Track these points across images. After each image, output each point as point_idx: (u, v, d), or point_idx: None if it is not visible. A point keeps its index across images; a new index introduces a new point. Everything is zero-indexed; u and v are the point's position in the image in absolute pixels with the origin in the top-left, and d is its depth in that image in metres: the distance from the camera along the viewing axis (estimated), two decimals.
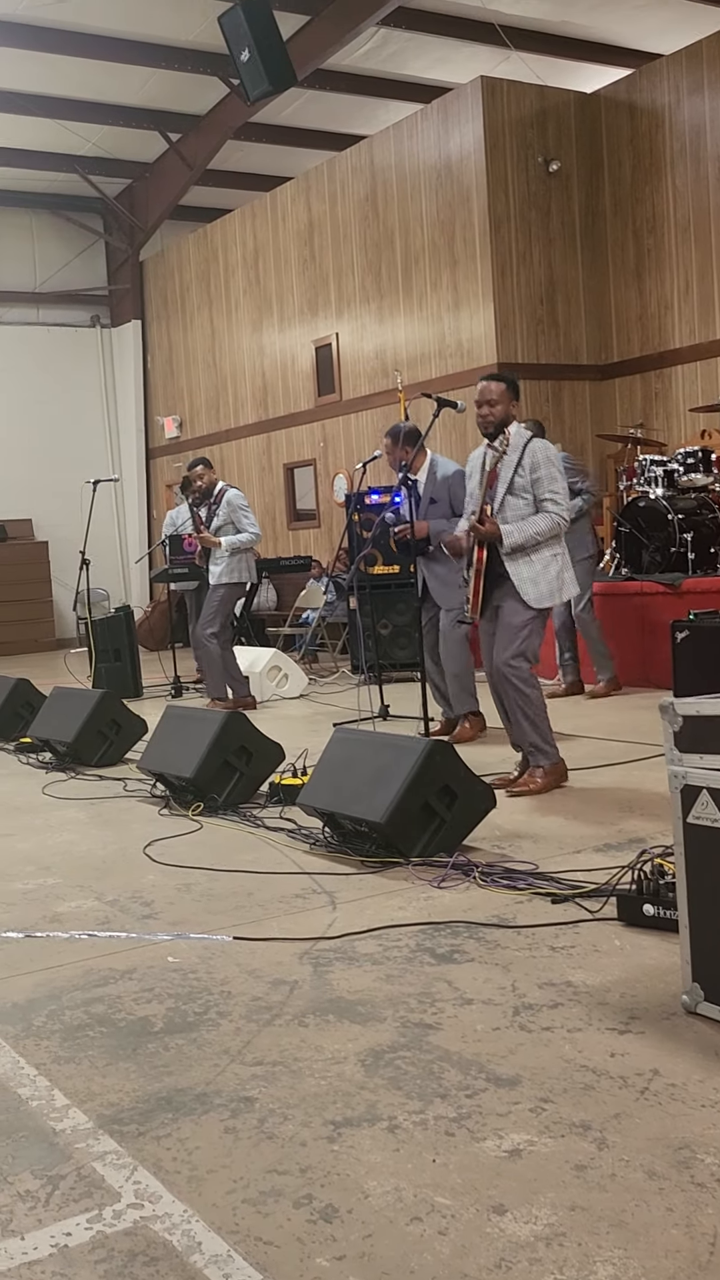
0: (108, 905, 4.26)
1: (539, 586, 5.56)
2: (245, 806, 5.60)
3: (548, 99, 11.92)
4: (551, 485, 5.53)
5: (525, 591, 5.54)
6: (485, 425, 5.67)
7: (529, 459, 5.56)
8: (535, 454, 5.57)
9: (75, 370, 17.77)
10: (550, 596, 5.59)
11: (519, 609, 5.55)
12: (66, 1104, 2.70)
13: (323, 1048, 2.91)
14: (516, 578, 5.54)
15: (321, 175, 13.79)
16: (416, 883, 4.22)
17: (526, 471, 5.55)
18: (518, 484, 5.55)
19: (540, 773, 5.65)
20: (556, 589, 5.61)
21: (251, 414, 15.36)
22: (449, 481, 7.04)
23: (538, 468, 5.54)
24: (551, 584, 5.58)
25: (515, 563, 5.55)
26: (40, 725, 7.43)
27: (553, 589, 5.59)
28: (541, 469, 5.54)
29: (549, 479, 5.54)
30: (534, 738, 5.64)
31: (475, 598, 5.62)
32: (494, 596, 5.64)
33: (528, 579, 5.54)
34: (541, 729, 5.65)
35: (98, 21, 12.41)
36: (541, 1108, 2.53)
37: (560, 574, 5.62)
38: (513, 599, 5.57)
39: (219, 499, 9.05)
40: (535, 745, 5.65)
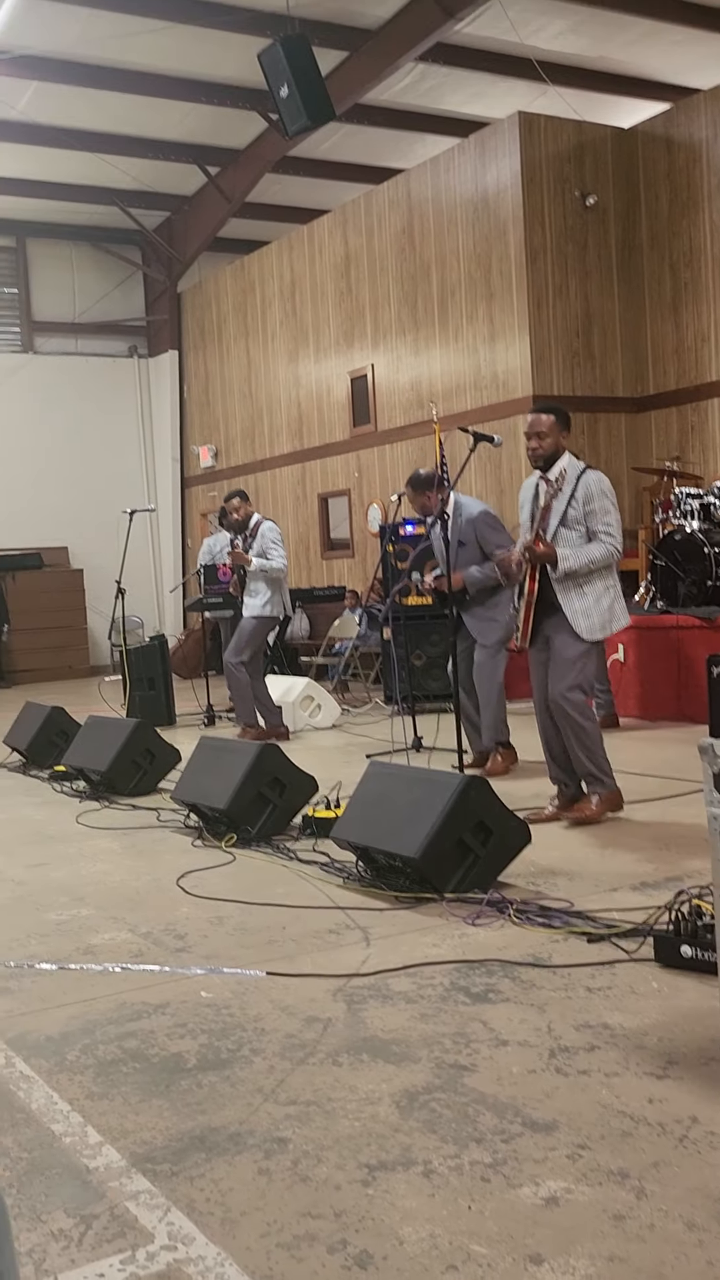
0: (141, 937, 4.26)
1: (591, 619, 5.55)
2: (278, 839, 5.59)
3: (585, 133, 11.97)
4: (605, 517, 5.53)
5: (577, 624, 5.53)
6: (535, 458, 5.67)
7: (582, 491, 5.55)
8: (589, 486, 5.56)
9: (112, 400, 17.93)
10: (602, 629, 5.59)
11: (571, 641, 5.55)
12: (100, 1141, 2.69)
13: (357, 1088, 2.89)
14: (569, 610, 5.54)
15: (358, 208, 13.89)
16: (450, 919, 4.19)
17: (580, 504, 5.54)
18: (571, 516, 5.54)
19: (596, 799, 5.65)
20: (608, 620, 5.61)
21: (287, 444, 15.43)
22: (475, 523, 7.02)
23: (591, 499, 5.53)
24: (604, 616, 5.58)
25: (567, 594, 5.54)
26: (74, 754, 7.46)
27: (604, 621, 5.59)
28: (595, 501, 5.53)
29: (603, 511, 5.53)
30: (590, 767, 5.64)
31: (525, 626, 5.63)
32: (545, 626, 5.63)
33: (580, 611, 5.54)
34: (598, 759, 5.65)
35: (139, 58, 12.58)
36: (579, 1154, 2.50)
37: (612, 606, 5.62)
38: (565, 632, 5.56)
39: (254, 531, 9.09)
40: (592, 774, 5.65)
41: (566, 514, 5.54)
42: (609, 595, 5.60)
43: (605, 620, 5.59)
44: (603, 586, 5.59)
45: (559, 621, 5.57)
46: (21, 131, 14.07)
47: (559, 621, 5.57)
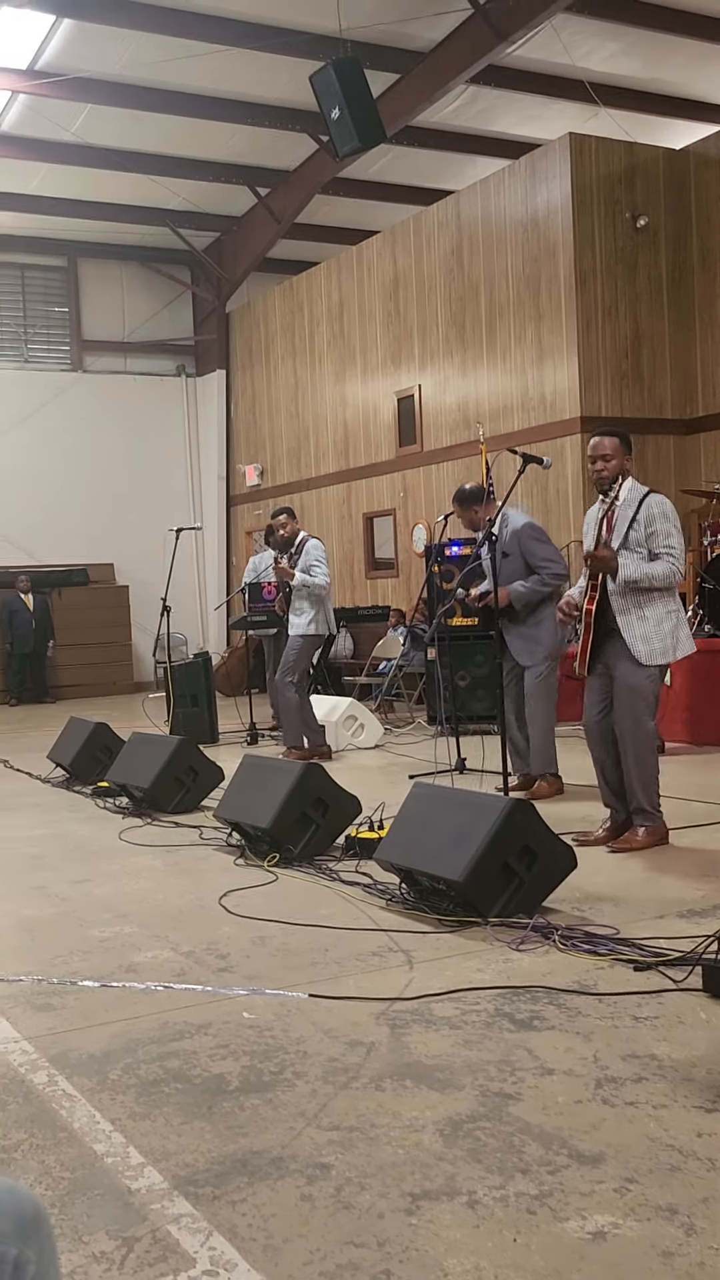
0: (183, 956, 4.25)
1: (651, 644, 5.47)
2: (321, 859, 5.56)
3: (636, 155, 11.94)
4: (667, 540, 5.46)
5: (636, 649, 5.46)
6: (600, 481, 5.61)
7: (644, 513, 5.50)
8: (651, 508, 5.51)
9: (160, 418, 18.06)
10: (664, 654, 5.49)
11: (633, 669, 5.48)
12: (142, 1162, 2.67)
13: (400, 1114, 2.86)
14: (628, 634, 5.46)
15: (408, 229, 13.93)
16: (495, 944, 4.15)
17: (642, 526, 5.48)
18: (632, 538, 5.49)
19: (643, 831, 5.59)
20: (671, 646, 5.51)
21: (332, 463, 15.47)
22: (519, 535, 6.99)
23: (653, 521, 5.47)
24: (665, 641, 5.49)
25: (627, 617, 5.47)
26: (118, 770, 7.48)
27: (666, 646, 5.49)
28: (658, 523, 5.47)
29: (664, 534, 5.46)
30: (643, 800, 5.57)
31: (584, 650, 5.57)
32: (605, 652, 5.57)
33: (639, 636, 5.46)
34: (651, 793, 5.59)
35: (191, 80, 12.71)
36: (626, 1188, 2.45)
37: (675, 630, 5.52)
38: (625, 659, 5.49)
39: (300, 548, 9.10)
40: (642, 808, 5.58)
41: (628, 536, 5.49)
42: (671, 620, 5.51)
43: (668, 645, 5.49)
44: (664, 610, 5.50)
45: (619, 648, 5.50)
46: (74, 153, 14.25)
47: (619, 648, 5.50)
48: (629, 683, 5.49)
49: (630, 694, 5.49)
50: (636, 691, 5.49)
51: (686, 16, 11.57)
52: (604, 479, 5.59)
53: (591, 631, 5.53)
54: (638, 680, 5.48)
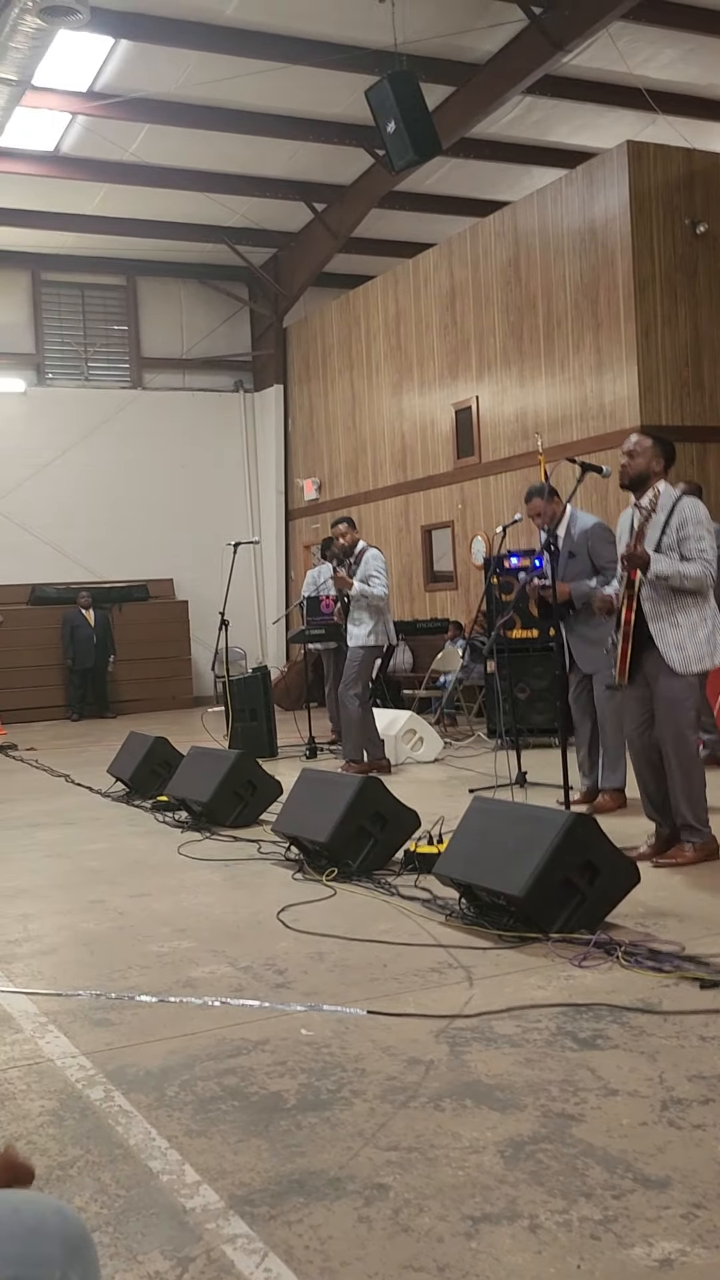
0: (241, 971, 4.22)
1: (685, 651, 5.38)
2: (379, 873, 5.52)
3: (695, 162, 11.82)
4: (699, 544, 5.38)
5: (671, 657, 5.37)
6: (623, 475, 5.57)
7: (677, 517, 5.42)
8: (684, 512, 5.43)
9: (218, 434, 18.16)
10: (699, 660, 5.40)
11: (671, 679, 5.38)
12: (197, 1180, 2.64)
13: (460, 1135, 2.80)
14: (661, 643, 5.37)
15: (464, 241, 13.90)
16: (556, 960, 4.08)
17: (674, 530, 5.41)
18: (665, 543, 5.41)
19: (690, 848, 5.47)
20: (708, 652, 5.42)
21: (390, 476, 15.45)
22: (588, 535, 6.93)
23: (685, 525, 5.40)
24: (701, 647, 5.39)
25: (660, 625, 5.38)
26: (177, 784, 7.49)
27: (702, 652, 5.40)
28: (690, 527, 5.39)
29: (696, 538, 5.39)
30: (689, 815, 5.45)
31: (623, 661, 5.48)
32: (644, 663, 5.48)
33: (673, 644, 5.37)
34: (698, 808, 5.47)
35: (247, 98, 12.79)
36: (694, 1214, 2.38)
37: (711, 636, 5.42)
38: (663, 670, 5.40)
39: (359, 558, 9.08)
40: (689, 824, 5.47)
41: (661, 540, 5.41)
42: (707, 625, 5.41)
43: (704, 652, 5.39)
44: (699, 616, 5.41)
45: (656, 659, 5.42)
46: (133, 173, 14.39)
47: (656, 659, 5.42)
48: (668, 694, 5.40)
49: (670, 705, 5.40)
50: (675, 703, 5.38)
51: None
52: (626, 474, 5.54)
53: (630, 641, 5.44)
54: (676, 691, 5.38)
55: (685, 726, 5.42)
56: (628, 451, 5.56)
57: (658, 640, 5.39)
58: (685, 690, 5.41)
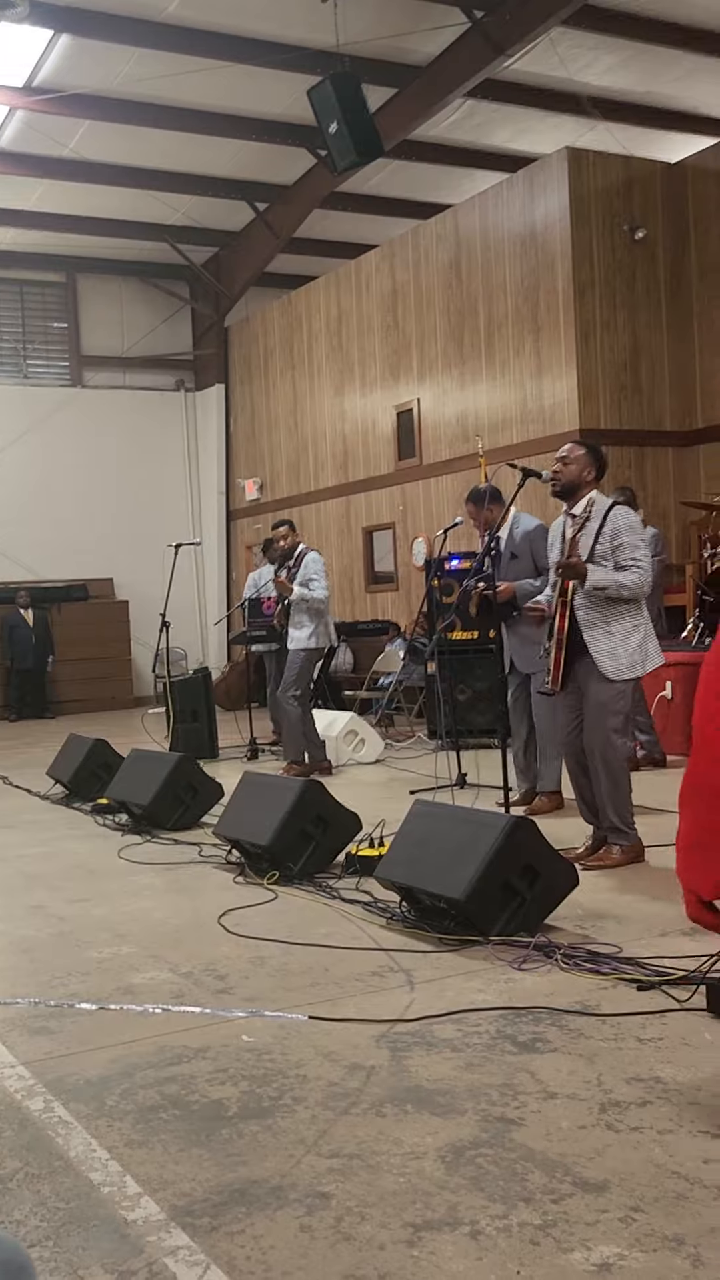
0: (182, 977, 4.20)
1: (618, 659, 5.44)
2: (321, 876, 5.52)
3: (633, 168, 11.95)
4: (633, 552, 5.43)
5: (603, 664, 5.42)
6: (555, 482, 5.61)
7: (610, 526, 5.48)
8: (617, 521, 5.49)
9: (159, 433, 18.05)
10: (631, 669, 5.46)
11: (602, 686, 5.44)
12: (138, 1192, 2.63)
13: (401, 1141, 2.81)
14: (594, 649, 5.43)
15: (406, 243, 13.94)
16: (496, 963, 4.11)
17: (608, 539, 5.46)
18: (598, 552, 5.46)
19: (618, 850, 5.53)
20: (640, 659, 5.48)
21: (331, 477, 15.45)
22: (530, 536, 6.97)
23: (619, 534, 5.45)
24: (633, 654, 5.46)
25: (593, 632, 5.43)
26: (117, 787, 7.44)
27: (634, 660, 5.46)
28: (624, 535, 5.45)
29: (631, 546, 5.44)
30: (614, 818, 5.52)
31: (556, 668, 5.52)
32: (576, 670, 5.52)
33: (605, 651, 5.43)
34: (623, 811, 5.53)
35: (189, 96, 12.72)
36: (632, 1218, 2.41)
37: (643, 644, 5.49)
38: (595, 677, 5.45)
39: (299, 560, 9.08)
40: (615, 826, 5.53)
41: (594, 550, 5.46)
42: (639, 633, 5.48)
43: (636, 659, 5.45)
44: (631, 624, 5.47)
45: (589, 665, 5.47)
46: (73, 169, 14.27)
47: (589, 665, 5.47)
48: (598, 699, 5.45)
49: (599, 710, 5.45)
50: (605, 707, 5.44)
51: (683, 30, 11.58)
52: (558, 481, 5.58)
53: (563, 649, 5.49)
54: (606, 696, 5.44)
55: (613, 732, 5.47)
56: (561, 459, 5.61)
57: (591, 647, 5.44)
58: (615, 697, 5.46)
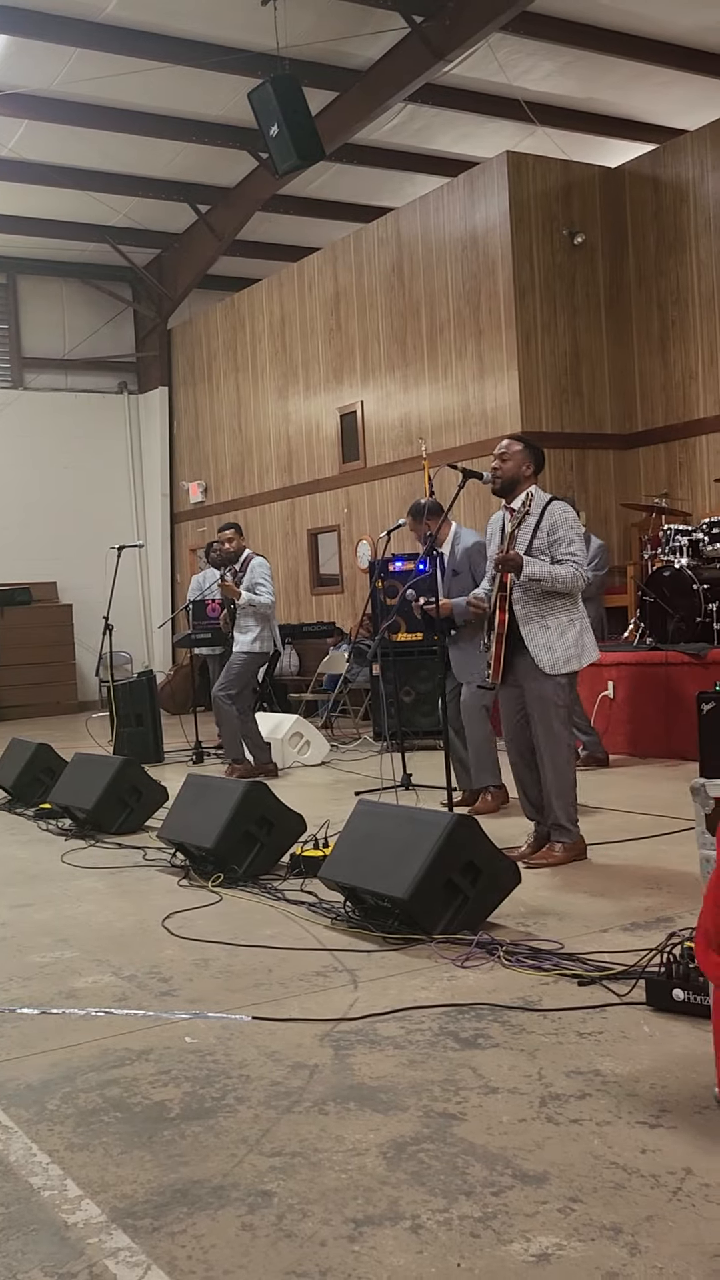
0: (125, 980, 4.19)
1: (554, 653, 5.50)
2: (266, 878, 5.53)
3: (572, 173, 12.06)
4: (569, 546, 5.50)
5: (540, 658, 5.48)
6: (493, 479, 5.68)
7: (547, 521, 5.54)
8: (554, 515, 5.55)
9: (102, 435, 17.94)
10: (567, 662, 5.52)
11: (541, 680, 5.50)
12: (79, 1195, 2.62)
13: (343, 1138, 2.82)
14: (531, 643, 5.49)
15: (348, 246, 13.96)
16: (440, 961, 4.13)
17: (545, 534, 5.53)
18: (536, 546, 5.52)
19: (560, 847, 5.58)
20: (576, 653, 5.55)
21: (276, 480, 15.44)
22: (469, 552, 7.02)
23: (555, 529, 5.52)
24: (570, 648, 5.52)
25: (530, 627, 5.49)
26: (60, 791, 7.38)
27: (570, 654, 5.52)
28: (560, 530, 5.52)
29: (567, 540, 5.51)
30: (560, 815, 5.57)
31: (496, 662, 5.57)
32: (516, 665, 5.58)
33: (543, 645, 5.49)
34: (568, 809, 5.59)
35: (130, 97, 12.66)
36: (570, 1208, 2.44)
37: (579, 639, 5.55)
38: (533, 671, 5.51)
39: (245, 565, 9.07)
40: (560, 823, 5.58)
41: (531, 544, 5.52)
42: (574, 628, 5.54)
43: (573, 653, 5.52)
44: (568, 619, 5.53)
45: (527, 660, 5.53)
46: (12, 169, 14.14)
47: (527, 660, 5.53)
48: (539, 694, 5.52)
49: (541, 704, 5.52)
50: (546, 701, 5.51)
51: (621, 37, 11.70)
52: (496, 477, 5.66)
53: (502, 643, 5.55)
54: (546, 691, 5.50)
55: (558, 725, 5.53)
56: (498, 455, 5.69)
57: (528, 642, 5.50)
58: (555, 690, 5.52)
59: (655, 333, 11.96)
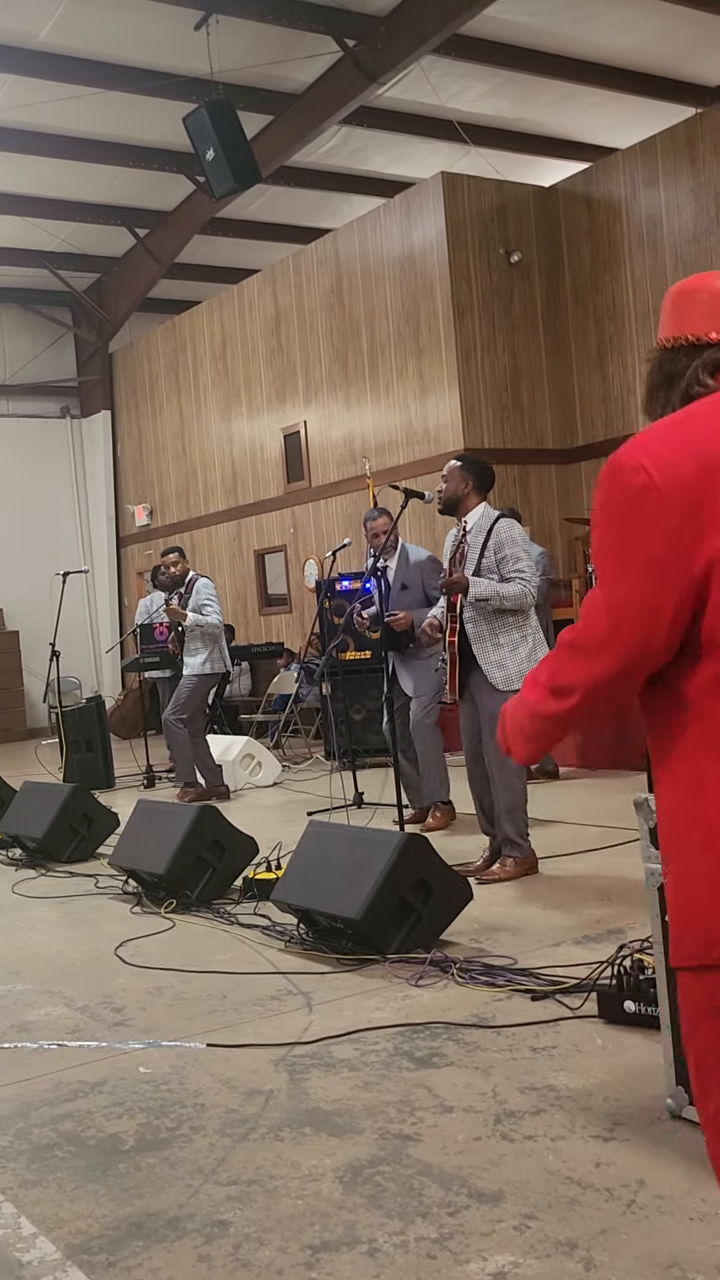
0: (78, 1012, 4.15)
1: (507, 669, 5.54)
2: (219, 903, 5.51)
3: (507, 192, 12.19)
4: (516, 564, 5.55)
5: (493, 676, 5.52)
6: (440, 499, 5.76)
7: (494, 539, 5.59)
8: (500, 534, 5.60)
9: (45, 460, 17.84)
10: (520, 678, 5.55)
11: (494, 696, 5.53)
12: (34, 1232, 2.60)
13: (299, 1164, 2.82)
14: (484, 662, 5.53)
15: (287, 268, 14.02)
16: (394, 981, 4.14)
17: (492, 552, 5.58)
18: (484, 564, 5.57)
19: (511, 863, 5.62)
20: (528, 669, 5.58)
21: (221, 501, 15.43)
22: (421, 567, 7.07)
23: (502, 547, 5.57)
24: (522, 664, 5.55)
25: (482, 645, 5.53)
26: (10, 821, 7.32)
27: (523, 669, 5.55)
28: (506, 548, 5.57)
29: (514, 558, 5.56)
30: (510, 831, 5.61)
31: (452, 678, 5.61)
32: (470, 681, 5.62)
33: (494, 662, 5.53)
34: (519, 824, 5.62)
35: (65, 122, 12.64)
36: (526, 1225, 2.45)
37: (531, 653, 5.59)
38: (486, 688, 5.55)
39: (190, 587, 9.05)
40: (510, 839, 5.62)
41: (480, 562, 5.58)
42: (526, 644, 5.58)
43: (525, 669, 5.54)
44: (519, 635, 5.58)
45: (480, 677, 5.57)
46: None
47: (480, 677, 5.57)
48: (491, 711, 5.54)
49: (493, 721, 5.55)
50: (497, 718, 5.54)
51: (550, 58, 11.85)
52: (441, 498, 5.76)
53: (456, 662, 5.60)
54: (497, 707, 5.53)
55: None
56: (443, 476, 5.76)
57: (480, 659, 5.54)
58: None
59: (593, 348, 12.10)
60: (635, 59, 12.03)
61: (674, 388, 1.78)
